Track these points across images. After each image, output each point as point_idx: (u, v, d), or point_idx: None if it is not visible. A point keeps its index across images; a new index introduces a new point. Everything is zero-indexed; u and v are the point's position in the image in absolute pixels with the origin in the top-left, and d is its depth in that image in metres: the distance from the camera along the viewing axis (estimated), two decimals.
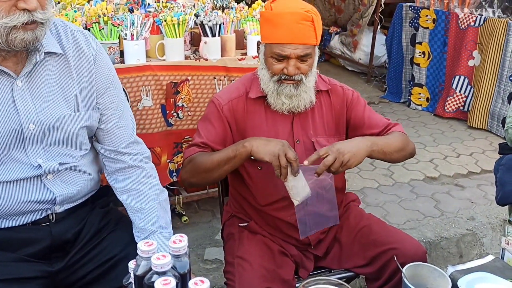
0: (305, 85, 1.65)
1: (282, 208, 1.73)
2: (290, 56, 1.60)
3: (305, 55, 1.61)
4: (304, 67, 1.63)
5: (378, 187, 3.46)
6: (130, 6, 2.62)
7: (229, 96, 1.74)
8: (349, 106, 1.80)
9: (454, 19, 4.69)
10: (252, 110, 1.73)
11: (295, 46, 1.59)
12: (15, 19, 1.23)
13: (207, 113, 1.77)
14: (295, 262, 1.77)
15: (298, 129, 1.73)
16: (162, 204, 1.56)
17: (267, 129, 1.71)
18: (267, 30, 1.64)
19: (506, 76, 4.30)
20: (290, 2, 1.64)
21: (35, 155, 1.40)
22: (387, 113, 5.05)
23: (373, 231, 1.75)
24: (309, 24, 1.59)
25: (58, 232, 1.48)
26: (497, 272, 1.39)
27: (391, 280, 1.66)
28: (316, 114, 1.76)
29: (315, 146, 1.72)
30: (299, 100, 1.67)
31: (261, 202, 1.75)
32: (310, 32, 1.60)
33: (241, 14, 2.78)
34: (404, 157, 1.81)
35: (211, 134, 1.72)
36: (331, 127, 1.78)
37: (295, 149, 1.69)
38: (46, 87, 1.40)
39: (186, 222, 2.90)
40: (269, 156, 1.51)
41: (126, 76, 2.27)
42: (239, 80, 1.84)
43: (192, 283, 0.83)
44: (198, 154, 1.68)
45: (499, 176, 2.02)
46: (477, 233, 2.94)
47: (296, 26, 1.58)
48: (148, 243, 0.94)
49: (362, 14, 6.12)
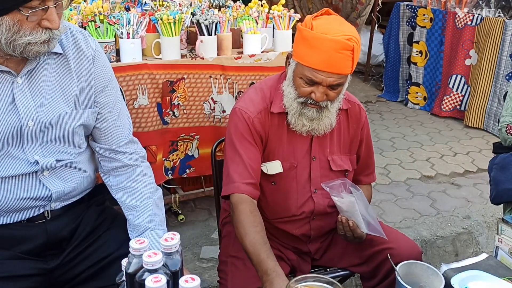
0: (329, 111, 1.59)
1: (289, 222, 1.72)
2: (321, 83, 1.52)
3: (337, 84, 1.54)
4: (332, 95, 1.56)
5: (374, 186, 3.45)
6: (126, 5, 2.62)
7: (255, 107, 1.64)
8: (362, 129, 1.78)
9: (451, 18, 4.70)
10: (274, 124, 1.66)
11: (328, 75, 1.50)
12: (37, 37, 1.28)
13: (239, 130, 1.62)
14: (292, 266, 1.77)
15: (316, 147, 1.69)
16: (157, 202, 1.57)
17: (287, 144, 1.67)
18: (303, 50, 1.53)
19: (502, 75, 4.31)
20: (332, 23, 1.54)
21: (32, 152, 1.41)
22: (384, 112, 5.06)
23: None
24: (348, 53, 1.49)
25: (53, 230, 1.48)
26: (490, 270, 1.40)
27: (386, 279, 1.67)
28: (334, 132, 1.71)
29: (330, 165, 1.70)
30: (320, 124, 1.61)
31: (268, 216, 1.72)
32: (348, 62, 1.50)
33: (238, 12, 2.78)
34: None
35: (252, 152, 1.61)
36: (345, 145, 1.75)
37: (311, 166, 1.68)
38: (45, 85, 1.42)
39: (182, 220, 2.90)
40: None
41: (122, 74, 2.27)
42: (261, 89, 1.70)
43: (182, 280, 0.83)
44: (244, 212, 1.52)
45: (493, 175, 2.03)
46: (473, 232, 2.95)
47: (335, 55, 1.48)
48: (140, 241, 0.94)
49: (359, 13, 6.12)
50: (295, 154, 1.66)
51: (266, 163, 1.65)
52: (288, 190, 1.65)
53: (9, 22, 1.24)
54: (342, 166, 1.73)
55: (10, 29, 1.25)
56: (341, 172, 1.74)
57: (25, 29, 1.26)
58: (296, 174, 1.67)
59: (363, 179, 1.86)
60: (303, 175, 1.68)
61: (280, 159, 1.65)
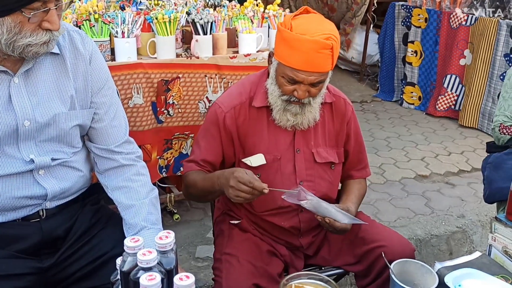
0: (311, 106, 1.64)
1: (278, 214, 1.73)
2: (303, 82, 1.56)
3: (318, 82, 1.58)
4: (314, 91, 1.60)
5: (369, 185, 3.47)
6: (121, 4, 2.61)
7: (230, 102, 1.70)
8: (348, 123, 1.80)
9: (446, 18, 4.72)
10: (254, 117, 1.70)
11: (309, 74, 1.54)
12: (38, 38, 1.29)
13: (208, 122, 1.73)
14: (285, 262, 1.77)
15: (300, 140, 1.72)
16: (153, 201, 1.58)
17: (268, 137, 1.70)
18: (283, 50, 1.57)
19: (496, 75, 4.33)
20: (311, 22, 1.57)
21: (27, 151, 1.42)
22: (379, 112, 5.08)
23: (362, 229, 1.76)
24: (328, 52, 1.52)
25: (48, 228, 1.48)
26: (483, 268, 1.41)
27: (379, 277, 1.68)
28: (319, 125, 1.74)
29: (314, 157, 1.73)
30: (303, 118, 1.65)
31: (256, 209, 1.75)
32: (328, 60, 1.54)
33: (233, 12, 2.78)
34: None
35: (211, 146, 1.71)
36: (331, 138, 1.78)
37: (295, 158, 1.71)
38: (42, 85, 1.42)
39: (177, 220, 2.90)
40: (232, 199, 1.52)
41: (117, 73, 2.26)
42: (242, 83, 1.78)
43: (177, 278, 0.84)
44: (191, 174, 1.69)
45: (486, 174, 2.04)
46: (467, 231, 2.97)
47: (315, 55, 1.51)
48: (134, 239, 0.95)
49: (355, 13, 6.14)
50: (278, 147, 1.70)
51: (250, 157, 1.68)
52: (273, 182, 1.65)
53: (10, 23, 1.25)
54: (327, 158, 1.75)
55: (11, 30, 1.25)
56: (326, 164, 1.76)
57: (26, 31, 1.27)
58: (280, 166, 1.70)
59: (355, 174, 1.88)
60: (287, 167, 1.71)
61: (263, 152, 1.68)
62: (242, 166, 1.68)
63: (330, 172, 1.77)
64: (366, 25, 5.86)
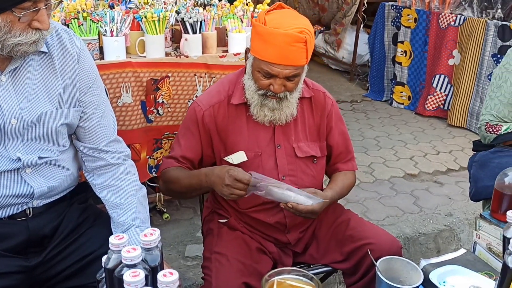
0: (288, 101, 1.66)
1: (263, 210, 1.74)
2: (278, 75, 1.58)
3: (294, 75, 1.60)
4: (290, 85, 1.62)
5: (359, 184, 3.49)
6: (110, 2, 2.61)
7: (210, 100, 1.73)
8: (329, 116, 1.81)
9: (435, 19, 4.76)
10: (233, 115, 1.72)
11: (284, 67, 1.56)
12: (28, 37, 1.30)
13: (188, 120, 1.76)
14: (274, 259, 1.78)
15: (280, 135, 1.74)
16: (141, 200, 1.58)
17: (248, 134, 1.72)
18: (258, 45, 1.59)
19: (484, 75, 4.37)
20: (285, 17, 1.59)
21: (14, 149, 1.41)
22: (369, 112, 5.11)
23: (350, 227, 1.77)
24: (301, 45, 1.55)
25: (35, 227, 1.48)
26: (468, 265, 1.42)
27: (367, 275, 1.69)
28: (298, 120, 1.76)
29: (295, 152, 1.75)
30: (281, 113, 1.67)
31: (241, 206, 1.76)
32: (302, 53, 1.56)
33: (223, 11, 2.79)
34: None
35: (191, 143, 1.74)
36: (312, 132, 1.79)
37: (276, 154, 1.72)
38: (29, 84, 1.42)
39: (167, 219, 2.90)
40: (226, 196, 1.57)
41: (105, 72, 2.26)
42: (221, 82, 1.81)
43: (161, 274, 0.84)
44: (172, 171, 1.72)
45: (473, 173, 2.06)
46: (454, 229, 2.99)
47: (288, 48, 1.53)
48: (119, 237, 0.95)
49: (345, 13, 6.16)
50: (258, 143, 1.71)
51: (231, 155, 1.70)
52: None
53: (0, 23, 1.25)
54: (308, 152, 1.77)
55: (1, 29, 1.26)
56: (308, 158, 1.77)
57: (16, 30, 1.27)
58: (262, 161, 1.72)
59: (341, 166, 1.88)
60: (269, 163, 1.72)
61: (243, 149, 1.70)
62: (224, 164, 1.69)
63: (313, 166, 1.79)
64: (357, 25, 5.89)
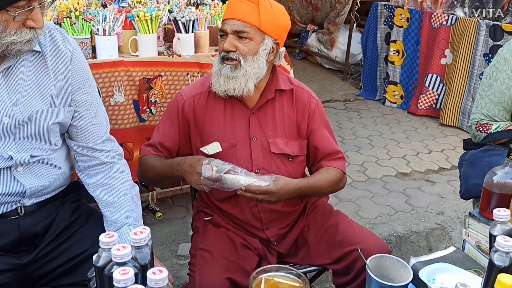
0: (244, 69, 1.64)
1: (236, 204, 1.75)
2: (227, 31, 1.64)
3: (241, 31, 1.62)
4: (242, 47, 1.63)
5: (351, 182, 3.51)
6: (103, 1, 2.60)
7: (192, 91, 1.77)
8: (311, 116, 1.79)
9: (427, 18, 4.78)
10: (212, 105, 1.74)
11: (232, 22, 1.63)
12: (22, 36, 1.31)
13: (169, 109, 1.80)
14: (259, 255, 1.78)
15: (255, 127, 1.73)
16: (134, 198, 1.59)
17: (225, 124, 1.73)
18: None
19: (476, 75, 4.40)
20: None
21: (6, 147, 1.42)
22: (362, 111, 5.13)
23: (339, 231, 1.76)
24: (252, 5, 1.62)
25: (26, 226, 1.48)
26: (457, 263, 1.43)
27: (359, 277, 1.67)
28: (276, 114, 1.75)
29: (270, 147, 1.73)
30: (235, 83, 1.65)
31: (216, 196, 1.78)
32: (252, 12, 1.62)
33: (215, 10, 2.79)
34: (331, 192, 1.85)
35: (170, 132, 1.77)
36: (292, 129, 1.77)
37: (251, 146, 1.72)
38: (22, 83, 1.42)
39: (160, 218, 2.90)
40: (196, 187, 1.60)
41: (98, 71, 2.26)
42: (208, 75, 1.82)
43: (150, 272, 0.85)
44: (149, 158, 1.74)
45: (463, 171, 2.07)
46: (446, 227, 3.01)
47: (239, 4, 1.63)
48: (109, 235, 0.95)
49: (338, 12, 6.18)
50: (234, 133, 1.72)
51: (206, 146, 1.71)
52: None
53: None
54: (283, 150, 1.74)
55: None
56: (283, 156, 1.75)
57: (11, 29, 1.28)
58: (236, 152, 1.72)
59: (324, 163, 1.80)
60: (244, 154, 1.72)
61: (219, 140, 1.71)
62: (200, 154, 1.71)
63: (288, 163, 1.76)
64: (350, 25, 5.91)
